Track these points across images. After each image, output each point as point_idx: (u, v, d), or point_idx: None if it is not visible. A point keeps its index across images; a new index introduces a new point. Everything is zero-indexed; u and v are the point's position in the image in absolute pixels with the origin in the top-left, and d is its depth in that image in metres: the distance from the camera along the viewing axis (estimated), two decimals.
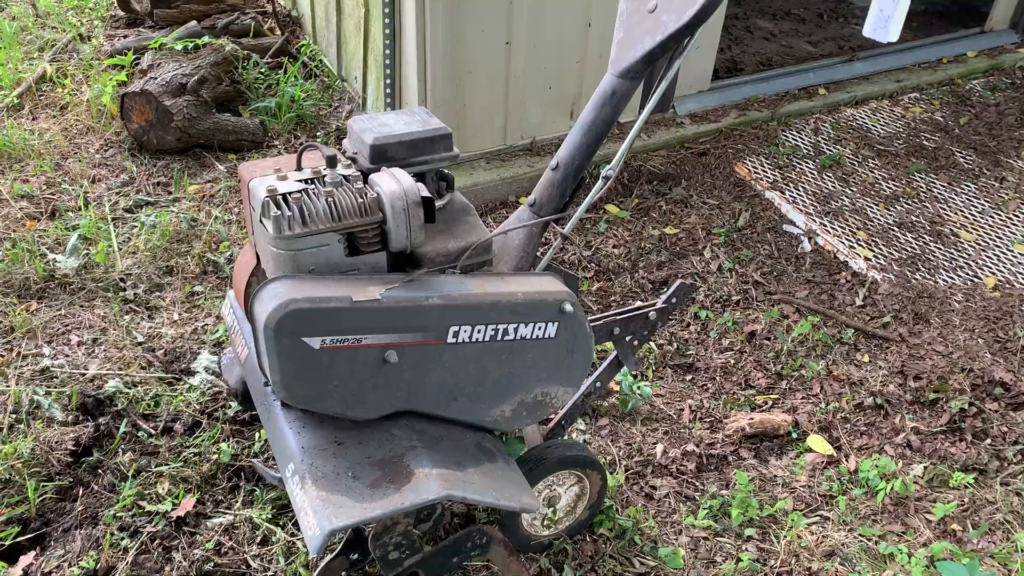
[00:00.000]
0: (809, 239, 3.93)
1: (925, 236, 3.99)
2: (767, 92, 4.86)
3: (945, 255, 3.89)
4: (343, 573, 2.34)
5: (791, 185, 4.28)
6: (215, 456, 2.76)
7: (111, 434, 2.83)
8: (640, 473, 2.83)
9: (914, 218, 4.11)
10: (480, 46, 3.86)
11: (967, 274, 3.78)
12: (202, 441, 2.82)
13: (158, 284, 3.47)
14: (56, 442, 2.77)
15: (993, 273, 3.78)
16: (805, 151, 4.55)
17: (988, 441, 2.98)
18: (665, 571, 2.51)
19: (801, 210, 4.10)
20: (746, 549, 2.58)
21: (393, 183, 2.04)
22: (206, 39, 4.54)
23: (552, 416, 2.68)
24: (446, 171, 2.30)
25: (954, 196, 4.28)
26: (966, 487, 2.79)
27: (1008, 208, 4.21)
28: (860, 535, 2.63)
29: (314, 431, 2.12)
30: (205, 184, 4.04)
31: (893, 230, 4.03)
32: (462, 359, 2.13)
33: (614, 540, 2.59)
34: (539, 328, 2.20)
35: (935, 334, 3.43)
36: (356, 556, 2.36)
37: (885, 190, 4.30)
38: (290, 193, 2.01)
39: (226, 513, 2.62)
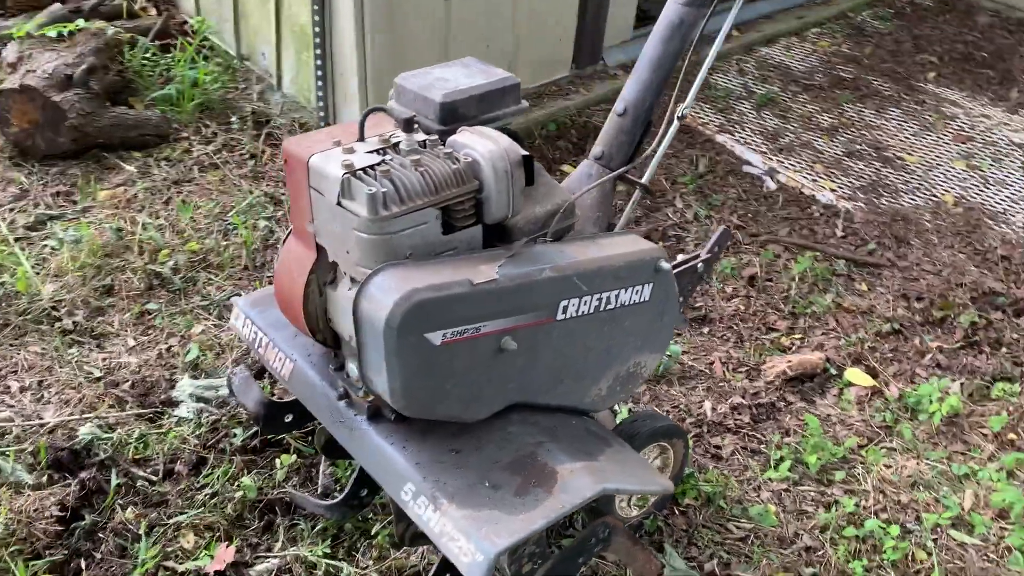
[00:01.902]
0: (771, 177, 3.90)
1: (875, 163, 4.06)
2: None
3: (899, 179, 3.97)
4: None
5: (737, 127, 4.24)
6: (238, 494, 2.35)
7: (101, 490, 2.35)
8: (698, 435, 2.68)
9: (858, 147, 4.17)
10: (419, 6, 3.53)
11: (925, 194, 3.88)
12: (215, 479, 2.40)
13: (98, 308, 2.94)
14: (35, 510, 2.27)
15: (947, 191, 3.89)
16: (739, 92, 4.53)
17: (1004, 349, 3.05)
18: (763, 531, 2.38)
19: (755, 150, 4.06)
20: (833, 494, 2.50)
21: (489, 143, 1.75)
22: (80, 23, 3.92)
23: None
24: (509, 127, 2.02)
25: (885, 122, 4.38)
26: (1009, 396, 2.83)
27: (937, 129, 4.36)
28: (930, 460, 2.61)
29: (420, 443, 1.82)
30: (117, 188, 3.49)
31: (844, 160, 4.07)
32: (569, 336, 1.88)
33: (702, 508, 2.43)
34: (636, 292, 1.98)
35: (920, 255, 3.48)
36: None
37: (823, 122, 4.34)
38: (373, 167, 1.68)
39: (271, 557, 2.24)
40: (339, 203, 1.68)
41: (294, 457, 2.47)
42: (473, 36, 3.79)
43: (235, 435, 2.54)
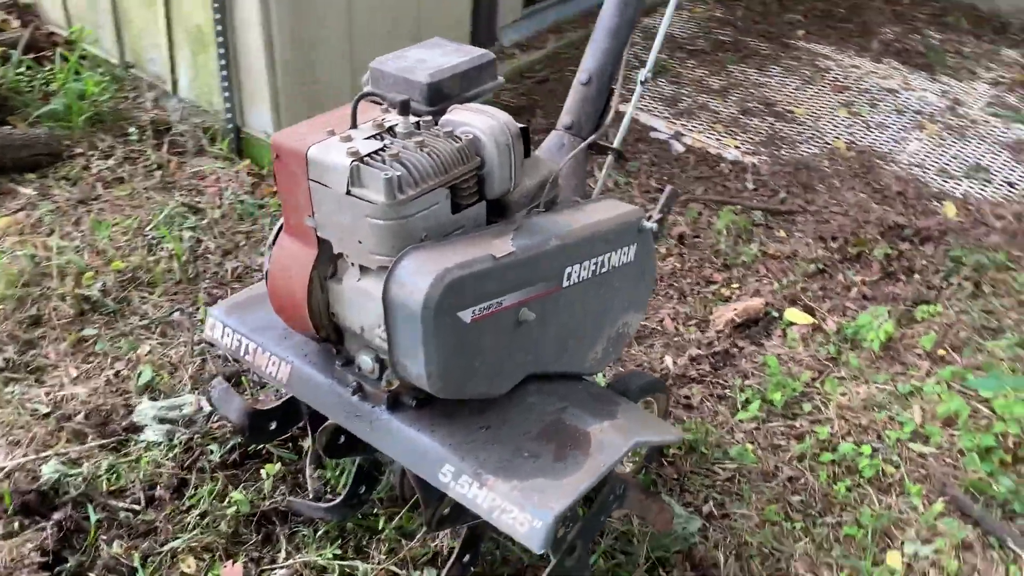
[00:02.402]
0: (678, 140, 4.06)
1: (768, 118, 4.29)
2: (572, 13, 4.90)
3: (792, 131, 4.22)
4: None
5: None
6: (229, 510, 2.27)
7: (80, 528, 2.21)
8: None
9: (750, 104, 4.40)
10: None
11: (819, 143, 4.14)
12: (201, 499, 2.30)
13: (28, 341, 2.74)
14: (13, 560, 2.11)
15: (837, 137, 4.17)
16: (632, 63, 4.66)
17: (917, 276, 3.31)
18: (746, 469, 2.50)
19: (658, 116, 4.21)
20: (801, 426, 2.66)
21: (487, 118, 1.77)
22: None
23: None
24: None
25: (769, 79, 4.63)
26: (931, 316, 3.08)
27: (817, 82, 4.65)
28: (878, 384, 2.81)
29: (447, 425, 1.81)
30: (18, 214, 3.25)
31: (740, 118, 4.28)
32: (572, 302, 1.93)
33: (687, 457, 2.53)
34: (624, 253, 2.04)
35: (826, 198, 3.72)
36: (468, 559, 2.08)
37: (714, 85, 4.55)
38: (379, 152, 1.66)
39: (278, 568, 2.18)
40: (348, 192, 1.65)
41: (278, 466, 2.40)
42: (376, 23, 3.73)
43: (212, 451, 2.43)
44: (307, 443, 2.38)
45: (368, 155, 1.65)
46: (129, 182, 3.47)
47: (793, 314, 3.09)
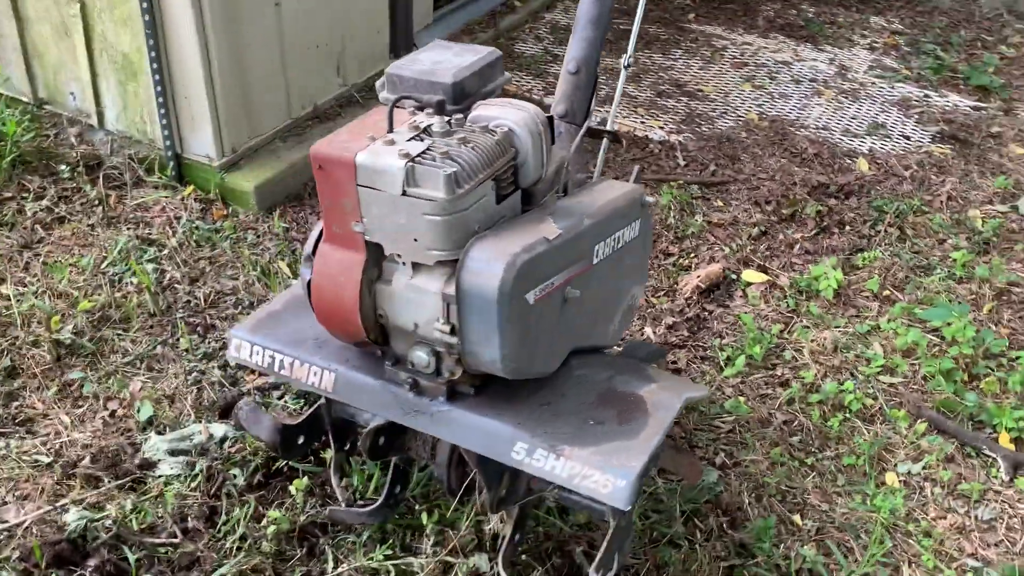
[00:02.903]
0: (600, 122, 4.23)
1: (682, 98, 4.53)
2: (480, 13, 5.00)
3: (707, 107, 4.47)
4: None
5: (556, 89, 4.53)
6: (269, 530, 2.26)
7: (121, 571, 2.16)
8: None
9: (663, 87, 4.63)
10: (254, 13, 3.43)
11: (733, 116, 4.41)
12: (236, 524, 2.29)
13: (9, 393, 2.63)
14: None
15: (749, 110, 4.45)
16: (544, 57, 4.82)
17: (848, 228, 3.60)
18: (743, 419, 2.69)
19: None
20: (782, 374, 2.86)
21: (518, 111, 1.86)
22: None
23: None
24: None
25: (674, 62, 4.88)
26: (871, 262, 3.36)
27: (717, 61, 4.93)
28: (839, 328, 3.06)
29: (510, 407, 1.90)
30: None
31: (657, 100, 4.50)
32: (600, 279, 2.05)
33: (689, 416, 2.69)
34: (632, 228, 2.17)
35: (752, 167, 3.97)
36: (518, 538, 2.17)
37: (644, 64, 4.77)
38: (427, 151, 1.72)
39: None
40: (404, 193, 1.70)
41: (305, 480, 2.41)
42: (304, 39, 3.73)
43: (235, 476, 2.42)
44: (329, 454, 2.39)
45: (418, 155, 1.71)
46: (70, 221, 3.35)
47: (749, 275, 3.31)
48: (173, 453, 2.48)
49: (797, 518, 2.37)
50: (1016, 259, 3.42)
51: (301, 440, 2.29)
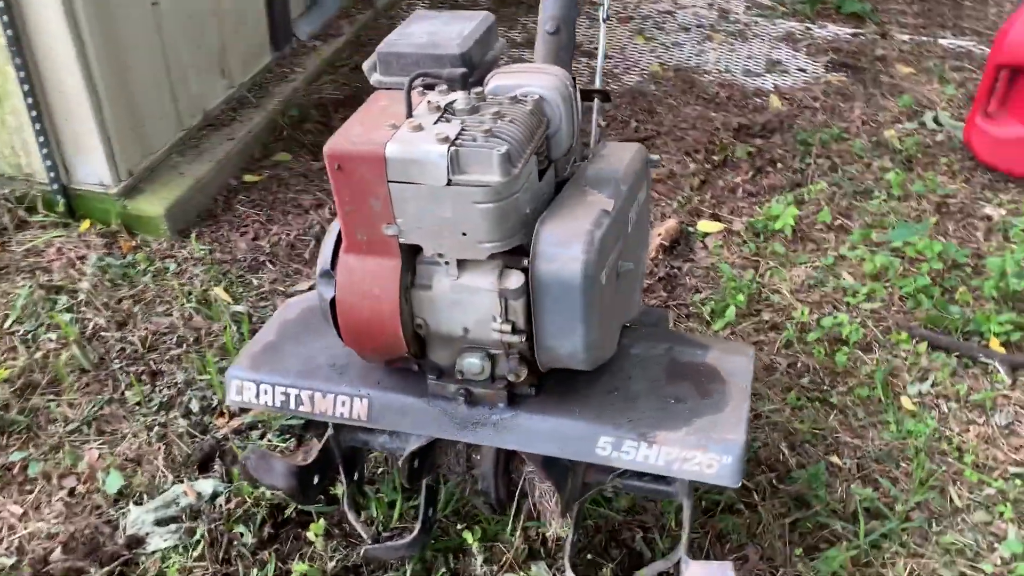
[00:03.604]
0: None
1: (581, 59, 4.42)
2: None
3: (608, 65, 4.39)
4: None
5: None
6: None
7: None
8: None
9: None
10: (131, 14, 3.03)
11: (638, 71, 4.34)
12: None
13: None
14: None
15: (650, 63, 4.40)
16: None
17: (780, 164, 3.62)
18: None
19: None
20: (770, 319, 2.82)
21: (545, 77, 1.69)
22: None
23: None
24: None
25: None
26: (814, 195, 3.38)
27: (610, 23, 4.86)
28: (806, 264, 3.06)
29: (580, 400, 1.75)
30: None
31: None
32: (631, 246, 1.91)
33: None
34: (644, 190, 2.05)
35: (671, 118, 3.93)
36: (576, 537, 2.02)
37: (516, 39, 4.60)
38: (463, 132, 1.52)
39: None
40: (449, 183, 1.49)
41: (321, 522, 2.15)
42: (185, 39, 3.35)
43: (242, 534, 2.13)
44: (340, 489, 2.15)
45: (457, 138, 1.51)
46: None
47: (704, 225, 3.26)
48: (161, 523, 2.16)
49: (835, 459, 2.34)
50: (941, 172, 3.54)
51: (316, 480, 2.04)
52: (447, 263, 1.61)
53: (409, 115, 1.58)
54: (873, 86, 4.21)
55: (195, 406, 2.49)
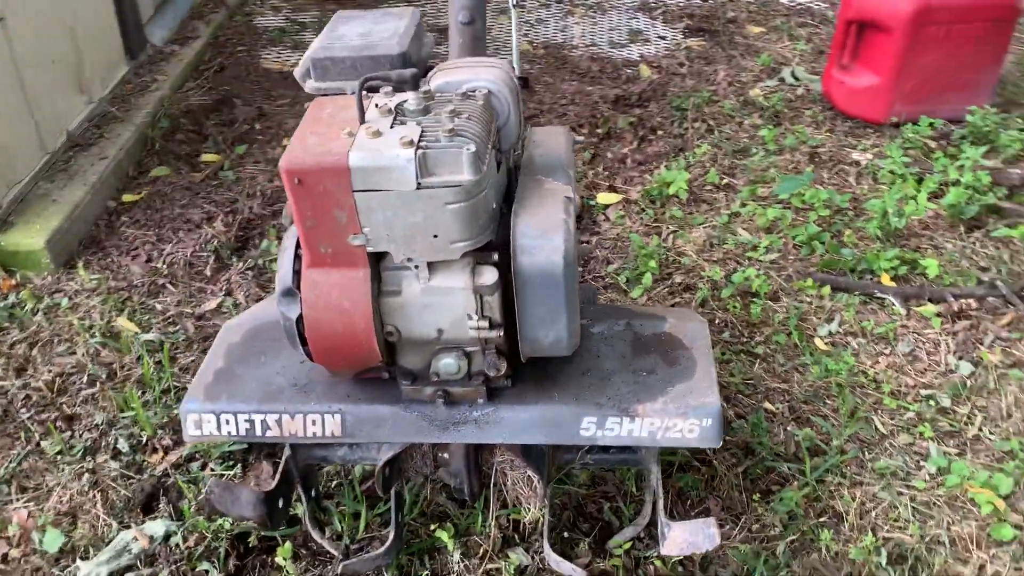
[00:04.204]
0: None
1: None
2: None
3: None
4: None
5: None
6: None
7: None
8: None
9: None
10: None
11: (510, 52, 4.37)
12: None
13: None
14: None
15: (520, 43, 4.43)
16: (292, 28, 4.44)
17: (661, 132, 3.75)
18: None
19: None
20: (682, 280, 2.94)
21: (491, 70, 1.70)
22: None
23: None
24: None
25: (425, 7, 4.73)
26: (697, 157, 3.53)
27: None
28: (705, 224, 3.20)
29: (553, 387, 1.79)
30: None
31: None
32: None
33: None
34: (574, 171, 2.10)
35: (550, 95, 3.98)
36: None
37: None
38: (427, 132, 1.50)
39: None
40: (419, 186, 1.48)
41: (287, 545, 2.10)
42: (39, 55, 3.11)
43: (207, 571, 2.04)
44: (301, 509, 2.09)
45: (421, 140, 1.49)
46: None
47: (603, 197, 3.35)
48: (116, 574, 2.03)
49: (768, 405, 2.48)
50: (807, 124, 3.78)
51: (281, 503, 1.99)
52: (416, 267, 1.59)
53: (362, 120, 1.55)
54: (730, 47, 4.42)
55: (123, 446, 2.35)
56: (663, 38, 4.53)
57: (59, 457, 2.32)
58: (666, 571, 2.06)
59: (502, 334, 1.63)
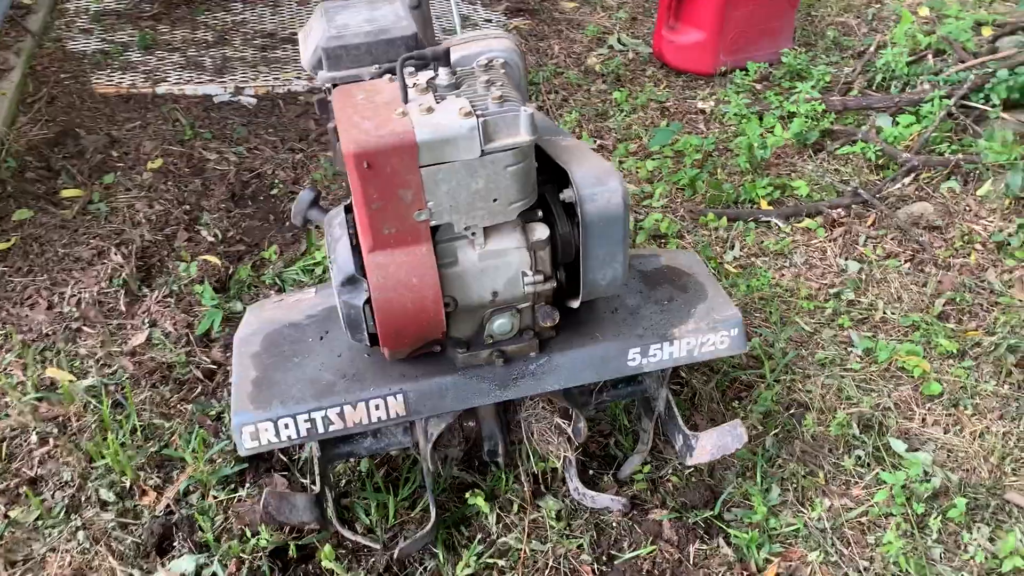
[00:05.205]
0: (245, 95, 3.89)
1: (286, 45, 4.32)
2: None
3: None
4: None
5: (161, 74, 3.99)
6: None
7: None
8: None
9: (258, 41, 4.35)
10: None
11: None
12: None
13: None
14: None
15: None
16: (117, 49, 4.15)
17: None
18: None
19: (197, 83, 3.94)
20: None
21: (499, 40, 1.83)
22: None
23: None
24: None
25: (243, 15, 4.59)
26: (571, 126, 3.76)
27: (283, 1, 4.76)
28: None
29: (594, 329, 1.94)
30: None
31: (268, 55, 4.23)
32: None
33: None
34: None
35: None
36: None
37: (208, 38, 4.34)
38: (478, 101, 1.60)
39: None
40: (483, 152, 1.55)
41: (328, 547, 2.08)
42: None
43: None
44: (329, 512, 2.09)
45: (476, 110, 1.56)
46: None
47: None
48: None
49: None
50: (648, 83, 4.12)
51: (330, 499, 1.99)
52: (473, 234, 1.67)
53: (405, 99, 1.60)
54: (553, 23, 4.69)
55: (108, 495, 2.20)
56: (489, 21, 4.72)
57: (39, 523, 2.13)
58: (681, 484, 2.27)
59: (555, 285, 1.75)
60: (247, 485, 2.23)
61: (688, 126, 3.80)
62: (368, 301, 1.64)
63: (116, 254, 2.96)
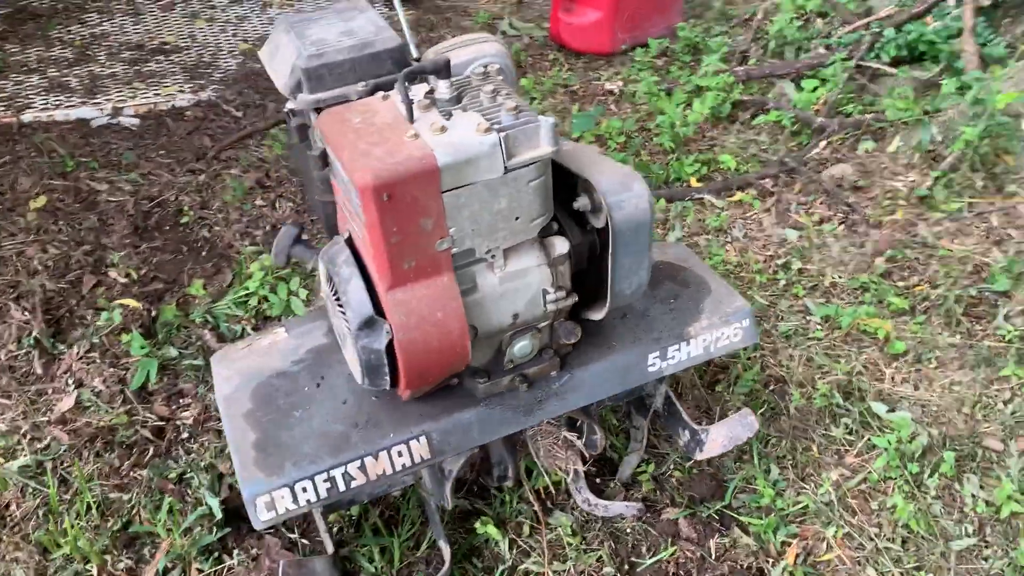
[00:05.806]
0: (124, 115, 3.55)
1: (159, 56, 3.98)
2: None
3: (193, 55, 4.01)
4: None
5: (20, 94, 3.56)
6: None
7: None
8: None
9: (125, 54, 3.98)
10: None
11: (226, 51, 4.05)
12: None
13: None
14: None
15: (233, 44, 4.13)
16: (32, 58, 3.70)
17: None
18: None
19: (72, 107, 3.56)
20: None
21: (489, 45, 1.70)
22: None
23: None
24: None
25: (104, 28, 4.19)
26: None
27: (145, 11, 4.37)
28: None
29: (609, 338, 1.87)
30: None
31: (141, 69, 3.88)
32: None
33: None
34: None
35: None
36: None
37: (67, 55, 3.93)
38: (491, 114, 1.48)
39: None
40: (506, 169, 1.43)
41: None
42: None
43: None
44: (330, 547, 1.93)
45: (493, 125, 1.44)
46: None
47: None
48: None
49: None
50: (550, 65, 4.05)
51: (331, 549, 1.83)
52: (493, 256, 1.55)
53: (411, 119, 1.45)
54: (437, 12, 4.54)
55: None
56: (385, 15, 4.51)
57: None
58: (686, 478, 2.24)
59: (576, 299, 1.66)
60: (235, 552, 2.03)
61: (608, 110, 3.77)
62: (390, 343, 1.50)
63: (17, 310, 2.63)
